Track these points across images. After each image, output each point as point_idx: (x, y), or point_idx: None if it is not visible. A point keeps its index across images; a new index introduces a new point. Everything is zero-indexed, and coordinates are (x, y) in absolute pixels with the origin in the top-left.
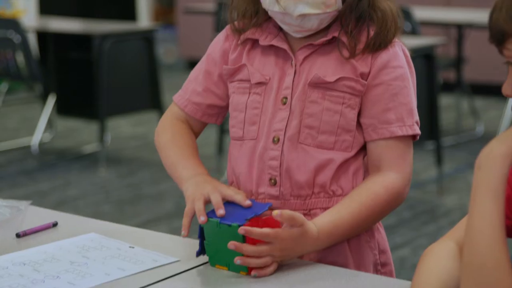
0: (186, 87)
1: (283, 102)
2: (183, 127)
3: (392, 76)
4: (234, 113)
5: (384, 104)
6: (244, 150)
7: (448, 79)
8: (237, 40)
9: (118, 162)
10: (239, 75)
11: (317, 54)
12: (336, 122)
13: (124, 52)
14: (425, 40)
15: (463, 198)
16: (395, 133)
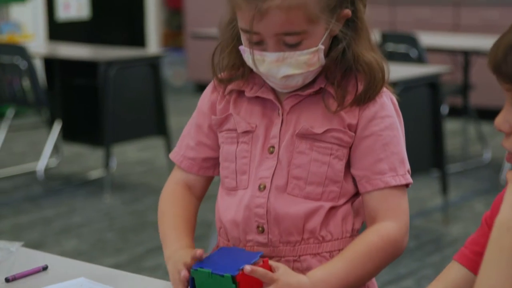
0: (180, 143)
1: (270, 151)
2: (181, 194)
3: (381, 126)
4: (225, 163)
5: (376, 155)
6: (234, 198)
7: (455, 104)
8: (223, 91)
9: (123, 188)
10: (227, 125)
11: (304, 103)
12: (323, 173)
13: (130, 78)
14: (430, 69)
15: (469, 227)
16: (389, 183)
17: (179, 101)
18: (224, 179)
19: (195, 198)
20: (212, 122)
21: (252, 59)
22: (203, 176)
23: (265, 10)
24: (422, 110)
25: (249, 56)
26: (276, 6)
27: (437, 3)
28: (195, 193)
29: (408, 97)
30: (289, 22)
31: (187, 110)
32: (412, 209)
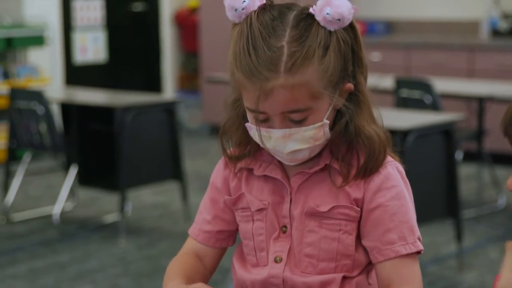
0: (197, 218)
1: (283, 231)
2: (189, 262)
3: (387, 197)
4: (245, 241)
5: (385, 225)
6: (252, 274)
7: (469, 149)
8: (234, 168)
9: (138, 233)
10: (240, 204)
11: (311, 181)
12: (334, 249)
13: (146, 123)
14: (445, 116)
15: (484, 275)
16: (399, 252)
17: (195, 144)
18: (247, 256)
19: (203, 267)
20: (226, 202)
21: (259, 135)
22: (218, 248)
23: (270, 90)
24: (437, 157)
25: (255, 133)
26: (280, 85)
27: (452, 48)
28: (205, 264)
29: (422, 145)
30: (294, 100)
31: (202, 153)
32: (426, 256)
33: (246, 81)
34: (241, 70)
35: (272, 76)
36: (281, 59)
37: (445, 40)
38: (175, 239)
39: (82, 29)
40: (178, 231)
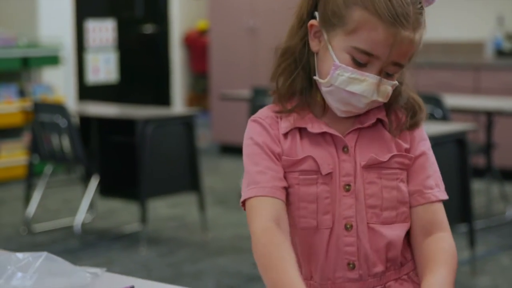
0: (259, 178)
1: (346, 189)
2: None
3: (426, 147)
4: (303, 203)
5: (426, 172)
6: (318, 238)
7: (478, 165)
8: (279, 129)
9: (158, 242)
10: (302, 166)
11: (363, 136)
12: (395, 198)
13: (165, 136)
14: (457, 126)
15: (496, 279)
16: (438, 197)
17: (205, 162)
18: (300, 219)
19: (288, 236)
20: (283, 163)
21: (349, 77)
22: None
23: (401, 39)
24: (450, 166)
25: (343, 74)
26: (409, 38)
27: (457, 68)
28: (284, 227)
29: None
30: (406, 55)
31: (213, 171)
32: None
33: (380, 23)
34: (379, 12)
35: (408, 27)
36: (410, 15)
37: (451, 60)
38: (195, 247)
39: (95, 50)
40: (196, 240)
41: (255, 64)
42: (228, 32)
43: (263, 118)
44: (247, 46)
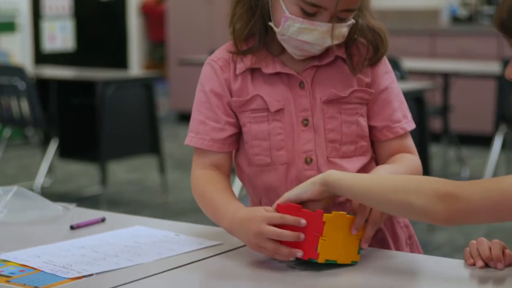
0: (201, 129)
1: (304, 124)
2: (215, 175)
3: (390, 80)
4: (255, 141)
5: (392, 106)
6: (276, 174)
7: (434, 129)
8: (234, 70)
9: (118, 205)
10: (252, 105)
11: (322, 73)
12: (354, 132)
13: (125, 98)
14: (415, 85)
15: (452, 235)
16: (406, 129)
17: (164, 130)
18: (254, 157)
19: (226, 176)
20: (232, 104)
21: (300, 28)
22: (230, 152)
23: None
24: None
25: (294, 25)
26: None
27: (414, 34)
28: (224, 171)
29: None
30: (355, 2)
31: (171, 138)
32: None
33: None
34: None
35: None
36: None
37: (407, 26)
38: (155, 209)
39: (51, 18)
40: (157, 202)
41: (212, 31)
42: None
43: (216, 60)
44: (204, 13)
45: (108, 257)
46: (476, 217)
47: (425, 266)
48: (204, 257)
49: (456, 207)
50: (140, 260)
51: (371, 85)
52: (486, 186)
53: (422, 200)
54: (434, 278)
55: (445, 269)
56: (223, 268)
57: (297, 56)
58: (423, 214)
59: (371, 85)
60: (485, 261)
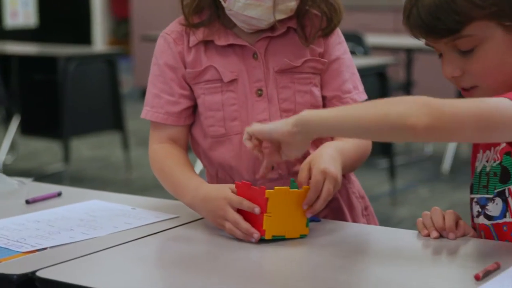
0: (156, 102)
1: (258, 94)
2: (172, 149)
3: (342, 50)
4: (209, 112)
5: (343, 76)
6: (231, 145)
7: None
8: (188, 43)
9: (81, 182)
10: (205, 76)
11: (275, 44)
12: (308, 102)
13: (87, 74)
14: (377, 60)
15: (414, 210)
16: (356, 99)
17: (127, 107)
18: (209, 128)
19: (183, 149)
20: (186, 75)
21: (244, 3)
22: (186, 126)
23: None
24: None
25: (239, 1)
26: None
27: (378, 10)
28: (181, 145)
29: None
30: None
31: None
32: None
33: None
34: None
35: None
36: None
37: (371, 2)
38: (119, 186)
39: None
40: (121, 179)
41: (176, 7)
42: None
43: (169, 33)
44: None
45: (63, 231)
46: (462, 129)
47: (379, 238)
48: (160, 230)
49: (442, 111)
50: (95, 234)
51: (323, 55)
52: (470, 99)
53: (403, 106)
54: (387, 249)
55: (399, 240)
56: (179, 241)
57: (247, 30)
58: (403, 121)
59: (323, 55)
60: (439, 231)
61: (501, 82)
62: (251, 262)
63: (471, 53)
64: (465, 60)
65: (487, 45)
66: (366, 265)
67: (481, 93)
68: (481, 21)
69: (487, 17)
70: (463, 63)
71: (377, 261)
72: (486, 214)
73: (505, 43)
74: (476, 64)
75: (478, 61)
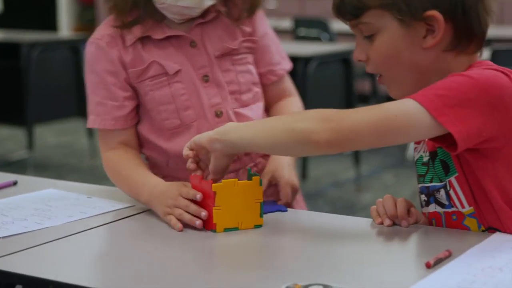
0: (100, 110)
1: (205, 80)
2: (125, 153)
3: (265, 25)
4: (161, 107)
5: (271, 49)
6: (189, 135)
7: (364, 91)
8: (123, 43)
9: (46, 169)
10: (149, 73)
11: (207, 29)
12: (249, 80)
13: (51, 61)
14: (342, 46)
15: (379, 196)
16: (286, 69)
17: None
18: (164, 122)
19: (136, 150)
20: (129, 75)
21: None
22: (134, 126)
23: None
24: (335, 88)
25: None
26: None
27: None
28: (133, 146)
29: (322, 75)
30: None
31: None
32: (327, 180)
33: None
34: None
35: None
36: None
37: None
38: (84, 173)
39: None
40: (85, 166)
41: None
42: None
43: (100, 38)
44: None
45: (16, 221)
46: (361, 138)
47: (334, 226)
48: (114, 220)
49: (340, 125)
50: (49, 223)
51: (252, 33)
52: (373, 107)
53: (306, 123)
54: (341, 237)
55: (354, 228)
56: (133, 230)
57: (178, 20)
58: (306, 136)
59: (252, 33)
60: (391, 219)
61: (402, 74)
62: (205, 252)
63: (372, 40)
64: (368, 45)
65: (382, 35)
66: (320, 253)
67: (387, 82)
68: (376, 10)
69: (382, 7)
70: (367, 48)
71: (330, 249)
72: (438, 202)
73: (400, 36)
74: (374, 51)
75: (375, 49)
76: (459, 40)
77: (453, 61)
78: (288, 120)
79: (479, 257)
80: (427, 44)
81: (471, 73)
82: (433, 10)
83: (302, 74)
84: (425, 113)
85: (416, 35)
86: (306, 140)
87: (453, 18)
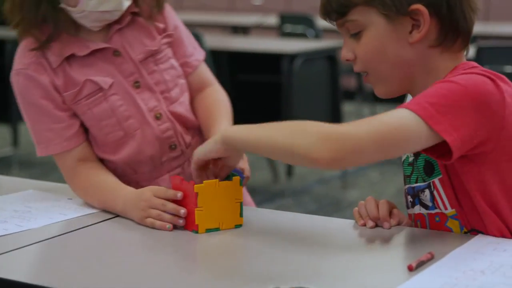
0: (49, 136)
1: (136, 86)
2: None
3: (175, 18)
4: (102, 122)
5: (184, 41)
6: (135, 142)
7: (349, 87)
8: (50, 66)
9: (31, 165)
10: (84, 92)
11: (125, 35)
12: (174, 75)
13: None
14: (327, 43)
15: (365, 192)
16: (200, 59)
17: None
18: (107, 136)
19: (97, 163)
20: (65, 99)
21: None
22: (87, 140)
23: None
24: (321, 85)
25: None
26: None
27: None
28: (93, 159)
29: (308, 72)
30: None
31: None
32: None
33: None
34: None
35: None
36: None
37: None
38: None
39: None
40: None
41: None
42: None
43: (26, 67)
44: None
45: None
46: (365, 155)
47: (316, 227)
48: (95, 222)
49: (343, 145)
50: (29, 226)
51: (166, 29)
52: (371, 121)
53: (305, 141)
54: (323, 238)
55: (336, 229)
56: (113, 232)
57: (96, 28)
58: (307, 155)
59: (166, 29)
60: (373, 220)
61: (388, 71)
62: (188, 254)
63: (359, 38)
64: (355, 44)
65: (369, 32)
66: (302, 255)
67: (372, 80)
68: (362, 6)
69: (367, 4)
70: (354, 47)
71: (312, 251)
72: (423, 203)
73: (386, 32)
74: (360, 49)
75: (362, 46)
76: (445, 36)
77: (439, 58)
78: (289, 132)
79: (461, 259)
80: (413, 39)
81: (459, 79)
82: (417, 4)
83: (288, 71)
84: (421, 122)
85: (402, 30)
86: (307, 157)
87: (438, 13)
